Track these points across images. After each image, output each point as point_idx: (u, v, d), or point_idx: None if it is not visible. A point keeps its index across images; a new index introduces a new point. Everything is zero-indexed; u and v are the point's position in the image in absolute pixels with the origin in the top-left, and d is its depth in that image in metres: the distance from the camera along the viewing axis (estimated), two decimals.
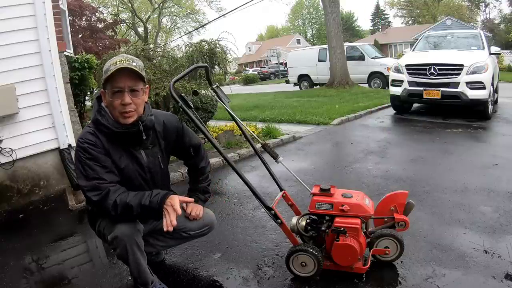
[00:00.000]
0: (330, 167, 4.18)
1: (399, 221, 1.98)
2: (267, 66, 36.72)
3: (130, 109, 1.61)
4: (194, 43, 5.69)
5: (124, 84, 1.59)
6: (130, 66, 1.58)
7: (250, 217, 2.88)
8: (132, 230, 1.62)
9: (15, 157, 3.33)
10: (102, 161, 1.60)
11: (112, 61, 1.60)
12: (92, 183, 1.56)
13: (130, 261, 1.65)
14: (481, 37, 7.07)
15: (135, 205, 1.56)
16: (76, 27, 17.64)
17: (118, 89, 1.59)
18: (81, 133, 1.66)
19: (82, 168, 1.59)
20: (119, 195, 1.57)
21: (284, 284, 1.96)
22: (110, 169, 1.62)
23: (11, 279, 2.24)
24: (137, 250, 1.64)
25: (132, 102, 1.61)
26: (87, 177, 1.58)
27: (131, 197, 1.58)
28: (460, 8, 41.05)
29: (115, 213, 1.56)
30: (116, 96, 1.60)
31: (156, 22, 35.92)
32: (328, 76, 13.30)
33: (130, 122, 1.64)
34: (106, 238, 1.66)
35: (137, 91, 1.62)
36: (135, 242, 1.63)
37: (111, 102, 1.61)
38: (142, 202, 1.57)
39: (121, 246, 1.61)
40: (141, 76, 1.62)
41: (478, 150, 4.46)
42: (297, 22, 61.90)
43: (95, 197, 1.56)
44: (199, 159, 1.99)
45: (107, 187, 1.57)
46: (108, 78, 1.57)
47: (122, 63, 1.57)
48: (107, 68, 1.60)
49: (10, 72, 3.28)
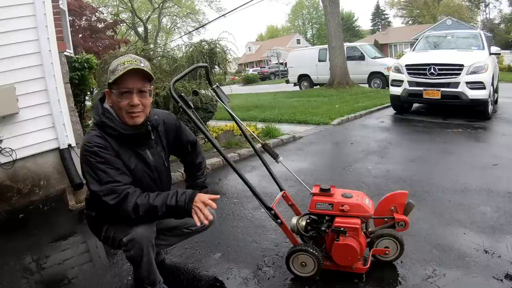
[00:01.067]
0: (330, 167, 4.18)
1: (399, 221, 1.98)
2: (267, 66, 36.70)
3: (138, 109, 1.61)
4: (194, 43, 5.69)
5: (133, 85, 1.58)
6: (139, 67, 1.57)
7: (250, 217, 2.88)
8: (149, 232, 1.62)
9: (15, 157, 3.33)
10: (114, 163, 1.58)
11: (120, 61, 1.59)
12: (107, 186, 1.53)
13: (144, 262, 1.64)
14: (481, 37, 7.07)
15: (160, 206, 1.56)
16: (76, 27, 17.65)
17: (126, 89, 1.58)
18: (86, 138, 1.62)
19: (94, 173, 1.55)
20: (138, 197, 1.56)
21: (284, 284, 1.96)
22: (123, 171, 1.60)
23: (11, 279, 2.24)
24: (151, 250, 1.65)
25: (140, 103, 1.61)
26: (101, 181, 1.54)
27: (152, 198, 1.57)
28: (460, 8, 41.02)
29: (136, 215, 1.54)
30: (124, 96, 1.59)
31: (156, 22, 35.93)
32: (328, 76, 13.30)
33: (138, 122, 1.64)
34: (117, 242, 1.65)
35: (145, 92, 1.63)
36: (151, 243, 1.63)
37: (119, 102, 1.60)
38: (168, 202, 1.57)
39: (137, 248, 1.59)
40: (150, 77, 1.63)
41: (478, 150, 4.46)
42: (297, 22, 61.92)
43: (113, 200, 1.52)
44: (195, 155, 2.02)
45: (124, 189, 1.55)
46: (117, 79, 1.56)
47: (130, 63, 1.56)
48: (114, 68, 1.59)
49: (10, 72, 3.28)
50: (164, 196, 1.59)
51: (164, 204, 1.57)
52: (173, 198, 1.58)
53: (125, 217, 1.56)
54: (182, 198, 1.58)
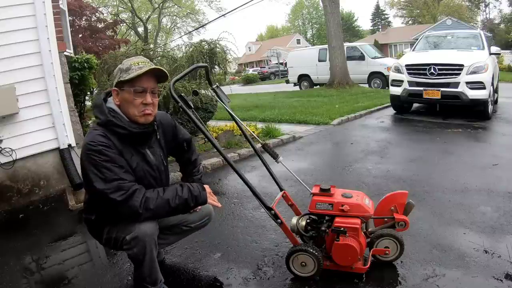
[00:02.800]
0: (330, 167, 4.18)
1: (399, 221, 1.98)
2: (267, 66, 36.70)
3: (151, 108, 1.68)
4: (194, 43, 5.69)
5: (148, 84, 1.66)
6: (156, 67, 1.66)
7: (250, 217, 2.88)
8: (153, 230, 1.64)
9: (15, 157, 3.33)
10: (118, 161, 1.60)
11: (133, 61, 1.65)
12: (114, 184, 1.55)
13: (146, 261, 1.65)
14: (481, 37, 7.07)
15: (172, 198, 1.63)
16: (76, 27, 17.65)
17: (142, 88, 1.64)
18: (89, 137, 1.62)
19: (99, 171, 1.56)
20: (146, 192, 1.61)
21: (284, 284, 1.96)
22: (127, 169, 1.63)
23: (11, 279, 2.24)
24: (154, 249, 1.66)
25: (152, 102, 1.69)
26: (106, 179, 1.55)
27: (162, 192, 1.64)
28: (460, 8, 41.02)
29: (146, 209, 1.57)
30: (138, 95, 1.65)
31: (156, 22, 35.92)
32: (328, 76, 13.30)
33: (150, 120, 1.71)
34: (120, 241, 1.65)
35: (155, 92, 1.72)
36: (154, 241, 1.64)
37: (134, 100, 1.64)
38: (180, 194, 1.66)
39: (140, 246, 1.60)
40: (166, 76, 1.72)
41: (478, 150, 4.46)
42: (297, 22, 61.91)
43: (120, 197, 1.54)
44: (191, 152, 2.06)
45: (131, 186, 1.57)
46: (133, 78, 1.61)
47: (144, 64, 1.65)
48: (127, 67, 1.64)
49: (10, 72, 3.28)
50: (173, 189, 1.66)
51: (175, 196, 1.64)
52: (185, 189, 1.67)
53: (131, 214, 1.57)
54: (195, 188, 1.70)
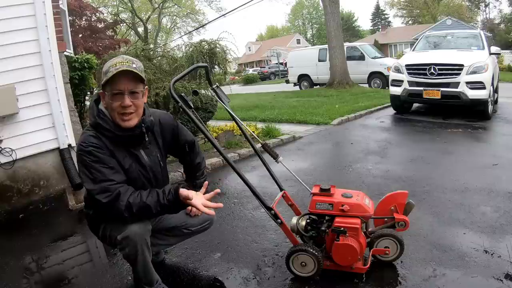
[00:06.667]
0: (330, 167, 4.18)
1: (399, 221, 1.98)
2: (267, 66, 36.67)
3: (130, 110, 1.61)
4: (194, 43, 5.69)
5: (124, 86, 1.58)
6: (130, 68, 1.57)
7: (250, 217, 2.88)
8: (143, 230, 1.63)
9: (15, 157, 3.33)
10: (108, 162, 1.59)
11: (112, 63, 1.59)
12: (101, 185, 1.55)
13: (139, 261, 1.65)
14: (481, 37, 7.07)
15: (154, 206, 1.57)
16: (76, 27, 17.67)
17: (118, 91, 1.59)
18: (81, 138, 1.63)
19: (88, 172, 1.57)
20: (130, 196, 1.57)
21: (284, 284, 1.96)
22: (117, 170, 1.62)
23: (11, 279, 2.24)
24: (146, 249, 1.65)
25: (132, 104, 1.61)
26: (95, 180, 1.56)
27: (145, 196, 1.58)
28: (460, 8, 41.04)
29: (129, 214, 1.55)
30: (116, 98, 1.59)
31: (156, 22, 35.91)
32: (328, 76, 13.30)
33: (131, 125, 1.64)
34: (113, 240, 1.65)
35: (137, 93, 1.63)
36: (145, 241, 1.63)
37: (111, 104, 1.60)
38: (161, 199, 1.57)
39: (131, 246, 1.60)
40: (141, 78, 1.62)
41: (478, 150, 4.46)
42: (297, 22, 61.91)
43: (105, 199, 1.54)
44: (194, 155, 2.01)
45: (117, 188, 1.56)
46: (108, 80, 1.57)
47: (122, 64, 1.56)
48: (106, 69, 1.59)
49: (10, 72, 3.27)
50: (155, 196, 1.59)
51: (157, 203, 1.57)
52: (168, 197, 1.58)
53: (117, 215, 1.57)
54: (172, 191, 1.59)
